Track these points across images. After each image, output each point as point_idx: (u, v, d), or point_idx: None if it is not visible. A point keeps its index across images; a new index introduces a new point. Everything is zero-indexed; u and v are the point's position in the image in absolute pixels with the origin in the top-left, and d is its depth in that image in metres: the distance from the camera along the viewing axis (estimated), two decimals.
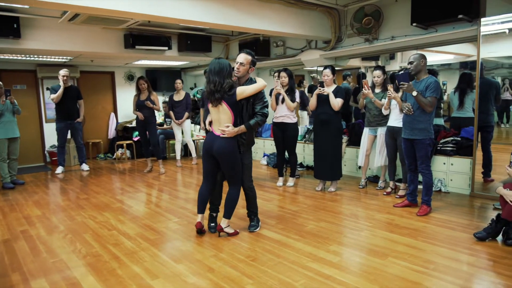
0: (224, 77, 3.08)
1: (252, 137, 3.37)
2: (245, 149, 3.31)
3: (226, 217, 3.36)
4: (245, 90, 3.14)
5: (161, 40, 6.53)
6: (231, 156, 3.18)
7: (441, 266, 2.72)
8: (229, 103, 3.12)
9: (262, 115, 3.20)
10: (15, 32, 5.19)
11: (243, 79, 3.27)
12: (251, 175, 3.45)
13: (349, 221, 3.76)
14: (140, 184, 5.74)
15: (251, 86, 3.17)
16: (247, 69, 3.24)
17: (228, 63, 3.15)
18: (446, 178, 4.76)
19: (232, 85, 3.12)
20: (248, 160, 3.38)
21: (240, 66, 3.21)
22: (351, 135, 5.92)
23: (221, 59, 3.16)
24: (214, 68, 3.10)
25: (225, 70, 3.09)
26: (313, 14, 5.54)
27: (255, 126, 3.20)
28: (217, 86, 3.08)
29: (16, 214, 4.32)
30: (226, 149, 3.16)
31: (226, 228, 3.37)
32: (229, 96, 3.11)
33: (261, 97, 3.23)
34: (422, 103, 3.63)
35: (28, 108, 7.53)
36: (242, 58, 3.22)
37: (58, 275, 2.73)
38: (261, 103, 3.21)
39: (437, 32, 4.70)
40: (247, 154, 3.36)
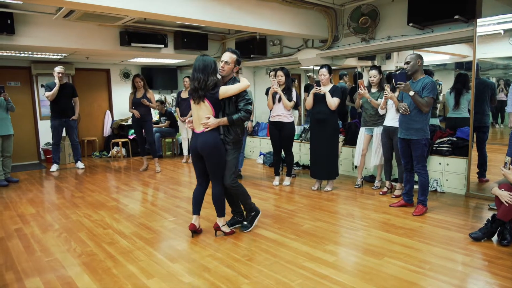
0: (208, 74, 3.06)
1: (238, 135, 3.27)
2: (230, 148, 3.26)
3: (220, 215, 3.33)
4: (228, 89, 3.12)
5: (157, 38, 6.49)
6: (214, 150, 3.14)
7: (436, 266, 2.73)
8: (211, 101, 3.10)
9: (246, 111, 3.18)
10: (9, 28, 5.13)
11: (227, 78, 3.25)
12: (233, 173, 3.31)
13: (345, 221, 3.76)
14: (135, 183, 5.71)
15: (235, 86, 3.14)
16: (232, 68, 3.23)
17: (213, 60, 3.13)
18: (442, 178, 4.78)
19: (216, 83, 3.10)
20: (231, 158, 3.27)
21: (225, 64, 3.19)
22: (347, 135, 5.93)
23: (206, 56, 3.14)
24: (199, 66, 3.08)
25: (210, 67, 3.07)
26: (310, 13, 5.53)
27: (238, 121, 3.17)
28: (201, 84, 3.06)
29: (10, 212, 4.28)
30: (209, 143, 3.12)
31: (223, 227, 3.35)
32: (212, 94, 3.09)
33: (244, 95, 3.20)
34: (419, 103, 3.64)
35: (23, 105, 7.46)
36: (227, 57, 3.21)
37: (53, 274, 2.71)
38: (245, 101, 3.19)
39: (433, 33, 4.71)
40: (232, 152, 3.28)
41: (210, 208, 3.65)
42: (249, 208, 3.52)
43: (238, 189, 3.37)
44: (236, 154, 3.31)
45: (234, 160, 3.30)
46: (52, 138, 6.61)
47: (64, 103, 6.49)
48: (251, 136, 7.44)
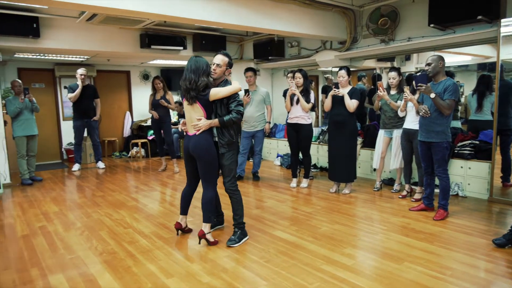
0: (199, 75, 3.05)
1: (232, 137, 3.21)
2: (225, 151, 3.21)
3: (206, 221, 3.21)
4: (219, 92, 3.10)
5: (176, 40, 6.58)
6: (206, 152, 3.11)
7: (458, 272, 2.67)
8: (202, 102, 3.10)
9: (237, 112, 3.15)
10: (35, 31, 5.30)
11: (219, 80, 3.24)
12: (232, 176, 3.27)
13: (363, 224, 3.73)
14: (154, 183, 5.79)
15: (226, 88, 3.12)
16: (223, 70, 3.23)
17: (205, 62, 3.12)
18: (464, 182, 4.68)
19: (207, 84, 3.08)
20: (229, 161, 3.22)
21: (216, 67, 3.19)
22: (365, 137, 5.87)
23: (198, 57, 3.13)
24: (191, 66, 3.08)
25: (201, 68, 3.06)
26: (329, 15, 5.50)
27: (229, 122, 3.13)
28: (192, 84, 3.05)
29: (35, 210, 4.41)
30: (200, 145, 3.10)
31: (208, 235, 3.21)
32: (202, 96, 3.08)
33: (235, 97, 3.17)
34: (440, 105, 3.58)
35: (46, 106, 7.68)
36: (218, 60, 3.20)
37: (75, 271, 2.78)
38: (236, 102, 3.16)
39: (455, 33, 4.62)
40: (228, 155, 3.22)
41: (227, 209, 3.66)
42: (239, 221, 3.32)
43: (235, 194, 3.30)
44: (233, 158, 3.26)
45: (233, 163, 3.26)
46: (74, 138, 6.77)
47: (86, 104, 6.64)
48: (268, 137, 7.45)
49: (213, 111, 3.18)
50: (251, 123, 5.58)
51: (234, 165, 3.29)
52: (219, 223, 3.69)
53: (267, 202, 4.58)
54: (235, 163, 3.30)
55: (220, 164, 3.25)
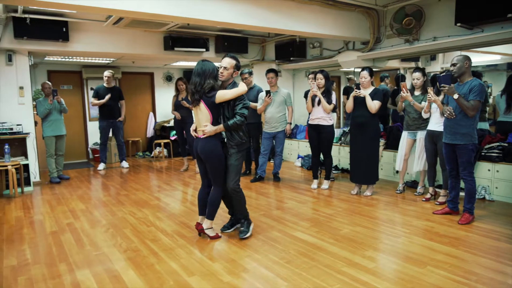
0: (205, 78, 3.11)
1: (241, 139, 3.26)
2: (234, 151, 3.26)
3: (208, 218, 3.35)
4: (225, 94, 3.14)
5: (199, 42, 6.67)
6: (212, 155, 3.18)
7: (484, 278, 2.60)
8: (208, 104, 3.14)
9: (241, 115, 3.17)
10: (64, 35, 5.50)
11: (227, 83, 3.28)
12: (237, 177, 3.32)
13: (385, 227, 3.68)
14: (176, 183, 5.89)
15: (232, 90, 3.16)
16: (231, 73, 3.26)
17: (212, 65, 3.18)
18: (491, 186, 4.54)
19: (212, 86, 3.13)
20: (236, 162, 3.28)
21: (224, 70, 3.23)
22: (388, 138, 5.78)
23: (205, 61, 3.19)
24: (197, 70, 3.15)
25: (207, 71, 3.12)
26: (351, 15, 5.46)
27: (234, 126, 3.16)
28: (197, 87, 3.12)
29: (62, 207, 4.57)
30: (207, 148, 3.18)
31: (207, 230, 3.36)
32: (208, 98, 3.13)
33: (241, 99, 3.21)
34: (464, 106, 3.49)
35: (74, 107, 7.95)
36: (226, 63, 3.24)
37: (101, 267, 2.87)
38: (241, 104, 3.19)
39: (483, 32, 4.49)
40: (237, 155, 3.28)
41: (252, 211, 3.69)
42: (244, 215, 3.47)
43: (238, 195, 3.36)
44: (241, 159, 3.32)
45: (238, 163, 3.30)
46: (100, 139, 6.97)
47: (111, 105, 6.82)
48: (289, 138, 7.44)
49: (220, 114, 3.23)
50: (272, 124, 5.59)
51: (240, 166, 3.34)
52: (238, 222, 3.67)
53: (287, 203, 4.58)
54: (241, 164, 3.36)
55: (227, 163, 3.29)
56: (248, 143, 3.41)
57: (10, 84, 5.62)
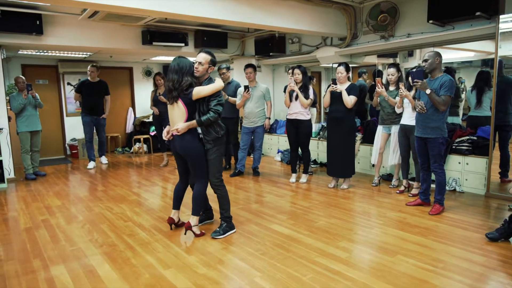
0: (182, 75, 3.09)
1: (217, 133, 3.25)
2: (211, 146, 3.25)
3: (194, 214, 3.32)
4: (201, 90, 3.13)
5: (178, 37, 6.62)
6: (191, 151, 3.19)
7: (450, 265, 2.72)
8: (185, 101, 3.13)
9: (215, 111, 3.16)
10: (38, 28, 5.37)
11: (202, 79, 3.26)
12: (217, 172, 3.31)
13: (360, 219, 3.78)
14: (156, 178, 5.87)
15: (207, 87, 3.15)
16: (206, 68, 3.23)
17: (189, 62, 3.16)
18: (461, 178, 4.71)
19: (190, 83, 3.11)
20: (213, 156, 3.27)
21: (199, 65, 3.20)
22: (365, 133, 5.90)
23: (181, 58, 3.16)
24: (174, 67, 3.12)
25: (185, 68, 3.10)
26: (329, 11, 5.53)
27: (206, 122, 3.14)
28: (175, 84, 3.09)
29: (38, 204, 4.50)
30: (185, 145, 3.18)
31: (194, 227, 3.30)
32: (185, 95, 3.12)
33: (217, 95, 3.19)
34: (436, 101, 3.61)
35: (50, 102, 7.78)
36: (201, 58, 3.20)
37: (76, 263, 2.86)
38: (216, 100, 3.18)
39: (454, 30, 4.63)
40: (213, 151, 3.27)
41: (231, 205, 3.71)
42: (226, 216, 3.41)
43: (221, 190, 3.35)
44: (218, 153, 3.30)
45: (217, 158, 3.29)
46: (85, 135, 6.76)
47: (95, 100, 6.64)
48: (269, 133, 7.50)
49: (195, 110, 3.20)
50: (251, 119, 5.63)
51: (219, 160, 3.32)
52: (208, 218, 3.72)
53: (266, 197, 4.64)
54: (220, 158, 3.34)
55: (206, 159, 3.28)
56: (225, 137, 3.40)
57: None
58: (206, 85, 3.20)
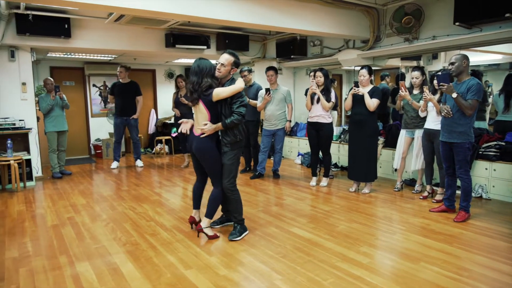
0: (202, 76, 3.07)
1: (235, 137, 3.20)
2: (228, 150, 3.21)
3: (207, 216, 3.31)
4: (221, 92, 3.10)
5: (200, 39, 6.71)
6: (206, 154, 3.17)
7: (476, 274, 2.65)
8: (206, 103, 3.11)
9: (238, 114, 3.12)
10: (66, 32, 5.55)
11: (224, 80, 3.23)
12: (232, 177, 3.26)
13: (382, 224, 3.72)
14: (177, 179, 5.95)
15: (228, 88, 3.11)
16: (228, 70, 3.20)
17: (209, 63, 3.13)
18: (488, 184, 4.57)
19: (210, 85, 3.09)
20: (230, 161, 3.21)
21: (221, 66, 3.17)
22: (387, 137, 5.81)
23: (202, 59, 3.14)
24: (194, 68, 3.11)
25: (205, 70, 3.08)
26: (351, 14, 5.48)
27: (230, 125, 3.12)
28: (195, 86, 3.08)
29: (64, 202, 4.64)
30: (201, 148, 3.16)
31: (205, 229, 3.32)
32: (205, 96, 3.10)
33: (238, 96, 3.15)
34: (462, 105, 3.52)
35: (76, 103, 8.02)
36: (223, 59, 3.18)
37: (100, 260, 2.93)
38: (238, 103, 3.13)
39: (481, 32, 4.51)
40: (230, 154, 3.21)
41: (251, 207, 3.74)
42: (239, 219, 3.39)
43: (233, 194, 3.31)
44: (235, 158, 3.24)
45: (232, 163, 3.23)
46: (114, 136, 6.88)
47: (126, 101, 6.70)
48: (289, 136, 7.48)
49: (218, 112, 3.18)
50: (272, 122, 5.64)
51: (235, 166, 3.27)
52: (229, 220, 3.68)
53: (286, 199, 4.63)
54: (237, 163, 3.28)
55: (224, 163, 3.24)
56: (243, 142, 3.34)
57: (12, 80, 5.68)
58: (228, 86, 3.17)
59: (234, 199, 3.34)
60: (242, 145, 3.33)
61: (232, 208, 3.40)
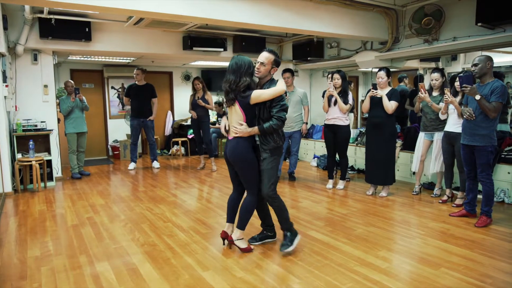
0: (240, 75, 2.80)
1: (276, 143, 2.94)
2: (267, 156, 2.94)
3: (239, 227, 3.06)
4: (261, 94, 2.82)
5: (217, 42, 6.75)
6: (241, 159, 2.90)
7: (500, 281, 2.57)
8: (242, 105, 2.84)
9: (278, 118, 2.84)
10: (87, 35, 5.67)
11: (264, 80, 2.96)
12: (272, 183, 2.96)
13: (400, 228, 3.66)
14: (193, 180, 5.99)
15: (269, 90, 2.83)
16: (268, 69, 2.92)
17: (248, 60, 2.85)
18: (510, 189, 4.44)
19: (249, 85, 2.83)
20: (270, 165, 2.94)
21: (260, 66, 2.89)
22: (406, 139, 5.72)
23: (241, 56, 2.88)
24: (231, 66, 2.84)
25: (243, 68, 2.81)
26: (369, 15, 5.43)
27: (269, 130, 2.84)
28: (232, 85, 2.82)
29: (83, 202, 4.72)
30: (236, 152, 2.90)
31: (237, 241, 3.07)
32: (243, 98, 2.83)
33: (279, 100, 2.86)
34: (486, 108, 3.44)
35: (95, 105, 8.16)
36: (263, 58, 2.90)
37: (119, 260, 2.97)
38: (278, 106, 2.85)
39: (505, 32, 4.40)
40: (270, 160, 2.95)
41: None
42: (287, 227, 3.08)
43: (275, 201, 3.01)
44: (275, 162, 2.97)
45: (272, 167, 2.95)
46: (131, 137, 6.95)
47: (142, 103, 6.78)
48: (305, 138, 7.45)
49: (255, 116, 2.91)
50: (288, 124, 5.61)
51: (275, 171, 2.98)
52: (269, 236, 3.31)
53: (302, 202, 4.61)
54: (276, 169, 3.00)
55: (260, 169, 2.97)
56: (283, 147, 3.08)
57: (35, 82, 5.82)
58: (268, 88, 2.90)
59: (277, 207, 3.03)
60: (282, 150, 3.08)
61: (277, 217, 3.09)
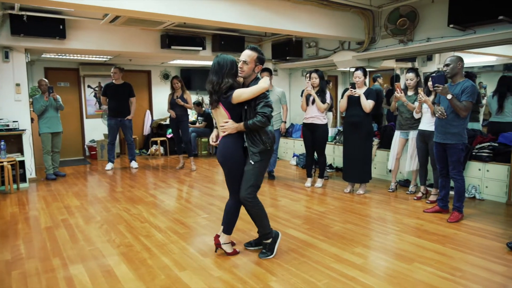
0: (223, 76, 2.72)
1: (266, 146, 2.82)
2: (257, 159, 2.82)
3: (224, 232, 2.99)
4: (242, 93, 2.73)
5: (196, 41, 6.71)
6: (228, 159, 2.83)
7: (469, 274, 2.66)
8: (226, 106, 2.77)
9: (262, 115, 2.71)
10: (61, 33, 5.53)
11: (248, 80, 2.84)
12: (250, 186, 2.82)
13: (376, 224, 3.73)
14: (172, 180, 5.94)
15: (250, 89, 2.74)
16: (252, 67, 2.80)
17: (231, 60, 2.76)
18: (481, 185, 4.60)
19: (231, 85, 2.74)
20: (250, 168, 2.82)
21: (243, 64, 2.79)
22: (382, 138, 5.83)
23: (223, 56, 2.78)
24: (214, 66, 2.76)
25: (225, 68, 2.72)
26: (347, 15, 5.51)
27: (253, 126, 2.73)
28: (215, 87, 2.73)
29: (58, 203, 4.61)
30: (224, 151, 2.83)
31: (224, 245, 3.01)
32: (225, 99, 2.75)
33: (263, 97, 2.75)
34: (457, 107, 3.54)
35: (71, 105, 7.97)
36: (245, 56, 2.78)
37: (94, 262, 2.92)
38: (262, 103, 2.74)
39: (475, 34, 4.55)
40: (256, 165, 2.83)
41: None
42: (264, 233, 2.99)
43: (253, 205, 2.87)
44: (261, 165, 2.86)
45: (255, 172, 2.82)
46: (108, 137, 6.83)
47: (120, 102, 6.65)
48: (285, 137, 7.49)
49: (240, 115, 2.82)
50: None
51: (257, 175, 2.84)
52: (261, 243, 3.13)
53: (281, 200, 4.64)
54: (263, 172, 2.89)
55: (244, 169, 2.86)
56: (272, 151, 2.93)
57: (6, 81, 5.64)
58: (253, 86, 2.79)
59: (255, 213, 2.92)
60: (271, 153, 2.93)
61: (255, 221, 3.00)
